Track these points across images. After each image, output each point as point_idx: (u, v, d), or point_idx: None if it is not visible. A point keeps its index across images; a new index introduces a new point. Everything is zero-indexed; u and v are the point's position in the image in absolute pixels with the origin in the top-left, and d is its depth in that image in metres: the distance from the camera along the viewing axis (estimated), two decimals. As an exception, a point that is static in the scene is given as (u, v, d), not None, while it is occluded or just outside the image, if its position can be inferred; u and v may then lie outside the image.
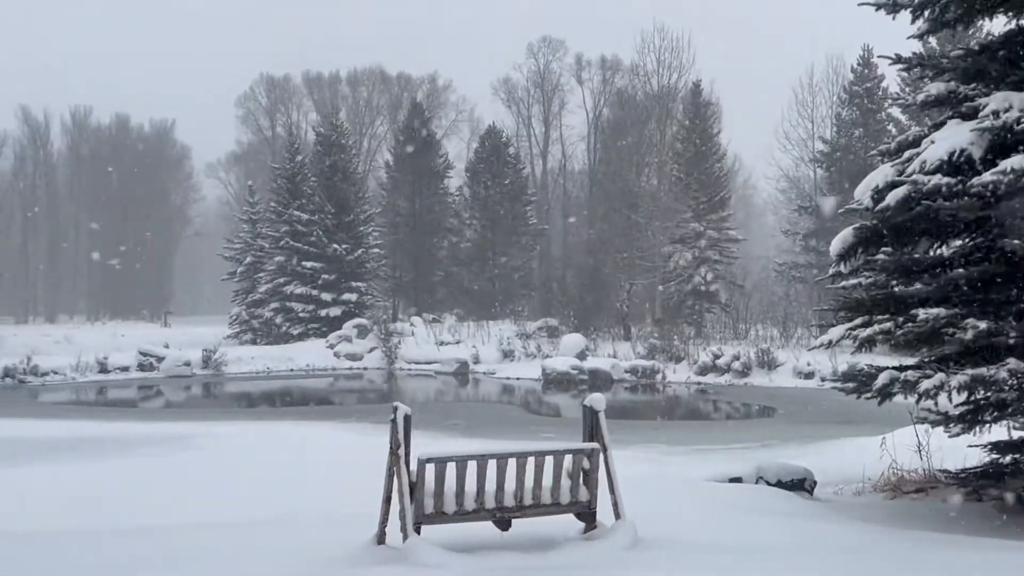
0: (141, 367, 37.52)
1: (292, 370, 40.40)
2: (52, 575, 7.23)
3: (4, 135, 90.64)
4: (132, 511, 11.28)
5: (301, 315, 49.36)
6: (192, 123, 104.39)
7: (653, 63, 55.78)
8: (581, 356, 35.87)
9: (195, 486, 13.74)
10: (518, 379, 35.79)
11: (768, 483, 12.08)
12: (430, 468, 7.48)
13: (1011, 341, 9.77)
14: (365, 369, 41.07)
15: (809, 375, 31.91)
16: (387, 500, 7.69)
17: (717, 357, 34.23)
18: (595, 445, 8.07)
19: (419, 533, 7.41)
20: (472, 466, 7.61)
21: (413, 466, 7.54)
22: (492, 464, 7.67)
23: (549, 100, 76.40)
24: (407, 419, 7.66)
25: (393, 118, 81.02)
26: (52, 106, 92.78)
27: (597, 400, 8.32)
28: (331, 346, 43.09)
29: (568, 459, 7.96)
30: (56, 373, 35.67)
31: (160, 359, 37.85)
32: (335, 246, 49.98)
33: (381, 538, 7.68)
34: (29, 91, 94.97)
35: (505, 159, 61.14)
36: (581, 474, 8.00)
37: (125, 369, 37.22)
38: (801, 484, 12.09)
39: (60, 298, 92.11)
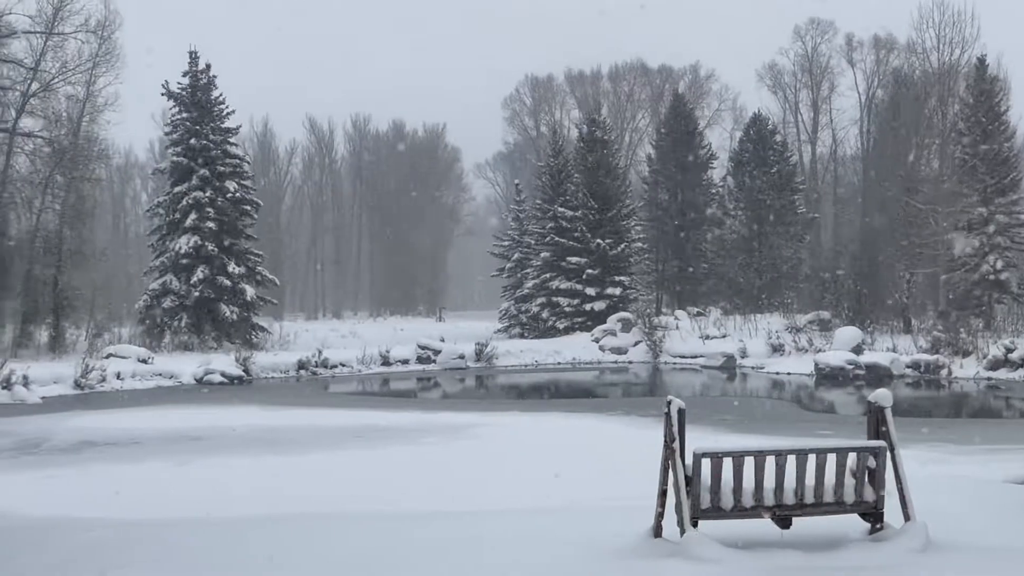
0: (420, 360, 39.44)
1: (559, 363, 41.16)
2: (354, 554, 7.73)
3: (294, 144, 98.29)
4: (415, 497, 11.87)
5: (566, 309, 50.17)
6: (462, 126, 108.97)
7: (932, 39, 52.61)
8: (857, 350, 34.26)
9: (471, 474, 14.30)
10: (788, 374, 34.69)
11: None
12: (706, 463, 7.40)
13: None
14: (630, 363, 41.18)
15: (1120, 371, 28.90)
16: (663, 494, 7.67)
17: (1010, 351, 31.63)
18: (881, 443, 7.70)
19: (696, 528, 7.35)
20: (749, 462, 7.46)
21: (688, 460, 7.48)
22: (770, 461, 7.49)
23: (818, 84, 73.60)
24: (681, 413, 7.61)
25: (654, 111, 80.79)
26: (335, 116, 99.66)
27: (883, 396, 7.92)
28: (596, 340, 43.55)
29: (852, 457, 7.65)
30: (344, 366, 38.12)
31: (437, 352, 39.62)
32: (598, 241, 50.43)
33: (657, 531, 7.68)
34: (315, 103, 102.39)
35: (771, 147, 59.42)
36: (866, 473, 7.65)
37: (405, 362, 39.26)
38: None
39: (345, 295, 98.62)
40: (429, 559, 7.40)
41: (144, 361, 34.55)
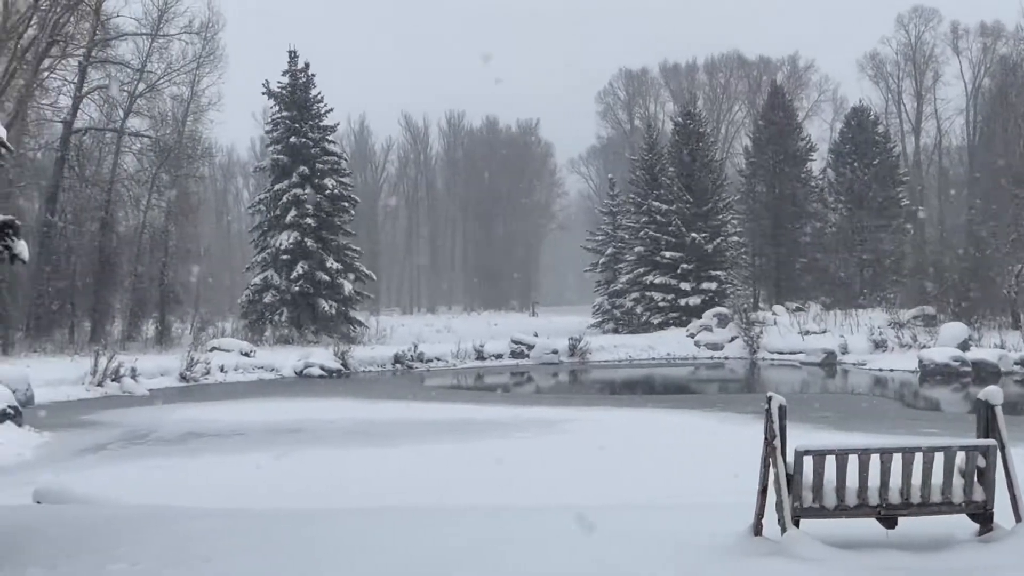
0: (513, 354, 39.60)
1: (653, 359, 40.86)
2: (456, 548, 7.78)
3: (390, 141, 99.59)
4: (510, 490, 11.90)
5: (661, 304, 49.76)
6: (555, 121, 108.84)
7: (1043, 23, 50.58)
8: (963, 347, 33.19)
9: (564, 469, 14.28)
10: (891, 370, 33.80)
11: None
12: (808, 460, 7.24)
13: None
14: (726, 358, 40.66)
15: None
16: (763, 491, 7.53)
17: None
18: (991, 441, 7.43)
19: (797, 526, 7.20)
20: (853, 460, 7.28)
21: (789, 458, 7.34)
22: (875, 459, 7.30)
23: (921, 73, 71.59)
24: (782, 409, 7.46)
25: (752, 103, 79.60)
26: (430, 113, 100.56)
27: (993, 393, 7.65)
28: (691, 335, 43.10)
29: (960, 456, 7.41)
30: (439, 360, 38.51)
31: (530, 347, 39.72)
32: (694, 235, 49.88)
33: (757, 529, 7.54)
34: (411, 100, 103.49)
35: (873, 138, 57.94)
36: (975, 472, 7.40)
37: (499, 356, 39.47)
38: None
39: (439, 290, 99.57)
40: (529, 554, 7.40)
41: (246, 354, 35.43)
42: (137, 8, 63.56)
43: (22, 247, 7.58)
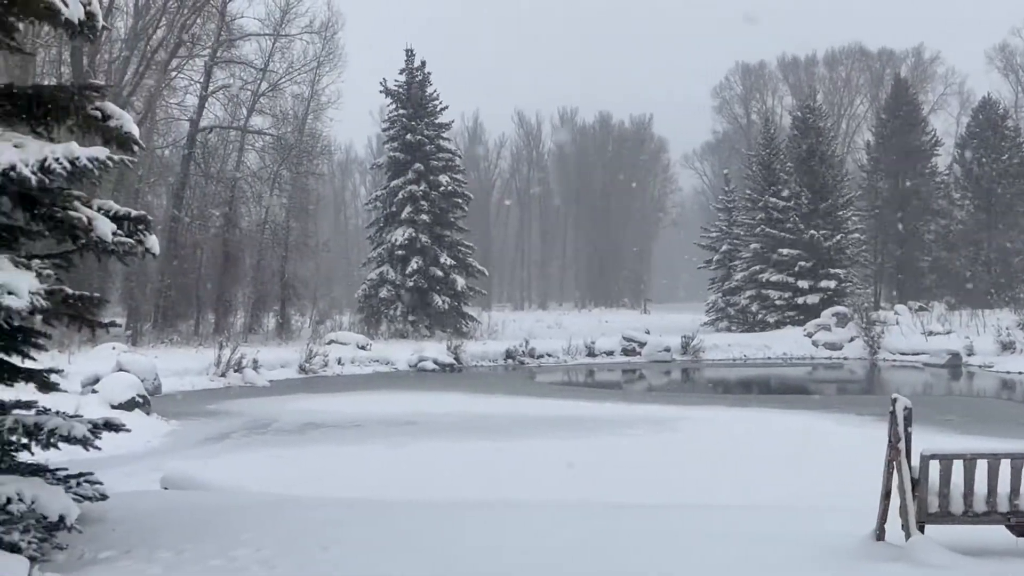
0: (624, 352, 39.38)
1: (768, 358, 40.09)
2: (570, 544, 7.80)
3: (503, 138, 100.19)
4: (622, 488, 11.85)
5: (777, 303, 48.83)
6: (668, 116, 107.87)
7: None
8: (1099, 350, 31.61)
9: (677, 467, 14.15)
10: (1020, 373, 32.40)
11: None
12: (934, 465, 7.02)
13: None
14: (845, 359, 39.60)
15: None
16: (886, 495, 7.33)
17: None
18: None
19: (922, 532, 6.98)
20: (982, 465, 7.03)
21: (914, 462, 7.12)
22: (1005, 464, 7.02)
23: (1056, 63, 68.43)
24: (907, 412, 7.24)
25: (874, 96, 77.47)
26: (543, 110, 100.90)
27: None
28: (809, 335, 42.13)
29: (1099, 464, 7.06)
30: (550, 356, 38.56)
31: (642, 344, 39.44)
32: (812, 232, 48.75)
33: (880, 534, 7.34)
34: (524, 97, 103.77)
35: (1002, 133, 55.70)
36: (1116, 482, 7.05)
37: (610, 353, 39.29)
38: None
39: (550, 286, 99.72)
40: (648, 551, 7.35)
41: (362, 348, 36.12)
42: (260, 9, 65.56)
43: (153, 241, 7.89)
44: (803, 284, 48.21)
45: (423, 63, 47.79)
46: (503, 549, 7.50)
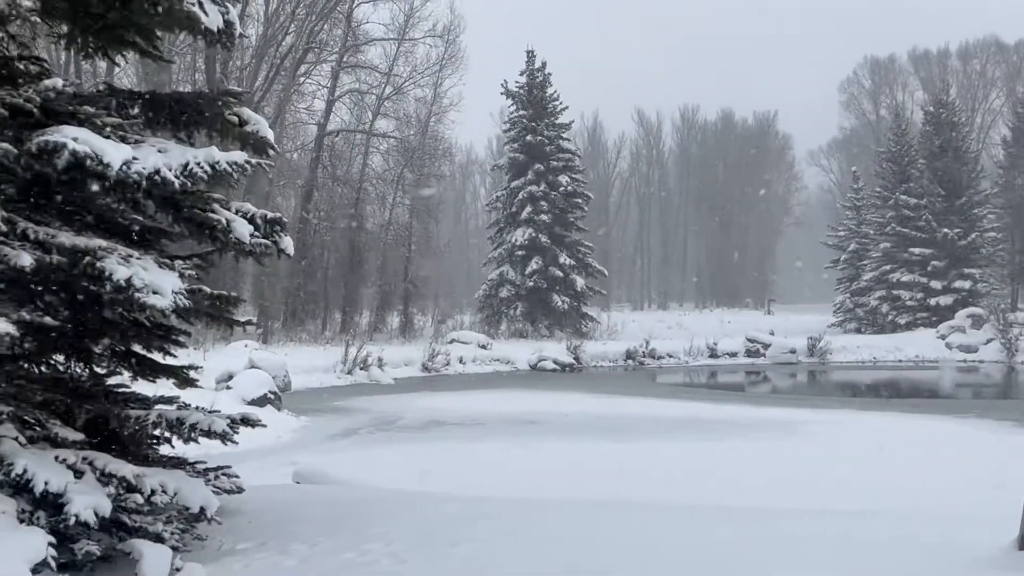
0: (748, 353, 38.73)
1: (899, 361, 38.89)
2: (704, 547, 7.71)
3: (622, 137, 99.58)
4: (751, 491, 11.65)
5: (908, 303, 47.30)
6: (793, 113, 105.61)
7: None
8: None
9: (807, 471, 13.86)
10: None
11: None
12: (1085, 473, 6.68)
13: None
14: (981, 362, 38.11)
15: None
16: (1032, 503, 7.00)
17: None
18: None
19: (1072, 544, 6.65)
20: None
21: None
22: None
23: None
24: (1055, 417, 6.91)
25: (1011, 89, 74.14)
26: (664, 107, 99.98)
27: None
28: (942, 337, 40.69)
29: None
30: (671, 356, 38.22)
31: (766, 346, 38.72)
32: (945, 230, 47.04)
33: (1023, 543, 7.02)
34: (644, 96, 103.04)
35: None
36: None
37: (733, 355, 38.71)
38: None
39: (671, 286, 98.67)
40: (781, 556, 7.20)
41: (483, 347, 36.47)
42: (385, 14, 66.83)
43: (288, 242, 8.10)
44: (936, 284, 46.59)
45: (543, 64, 47.94)
46: (636, 553, 7.46)
